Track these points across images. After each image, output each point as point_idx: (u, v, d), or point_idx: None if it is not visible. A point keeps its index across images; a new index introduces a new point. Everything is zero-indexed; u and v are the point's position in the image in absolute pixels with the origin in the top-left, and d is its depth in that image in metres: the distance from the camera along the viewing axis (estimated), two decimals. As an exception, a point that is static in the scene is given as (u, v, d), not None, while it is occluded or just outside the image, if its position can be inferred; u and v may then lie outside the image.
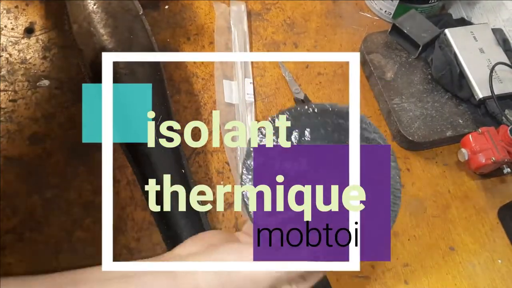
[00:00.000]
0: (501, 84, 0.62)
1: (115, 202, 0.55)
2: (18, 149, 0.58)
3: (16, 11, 0.69)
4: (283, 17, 0.73)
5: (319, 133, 0.41)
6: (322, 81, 0.67)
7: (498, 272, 0.55)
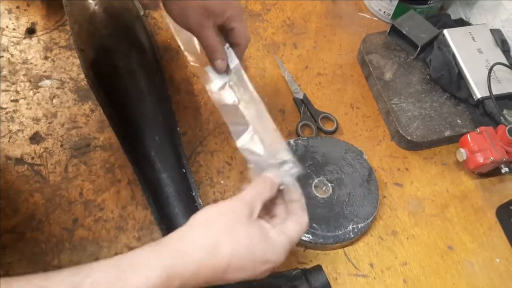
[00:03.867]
0: (499, 84, 0.62)
1: (116, 201, 0.56)
2: (20, 149, 0.58)
3: (17, 11, 0.69)
4: (283, 17, 0.74)
5: None
6: (321, 81, 0.68)
7: (497, 271, 0.55)
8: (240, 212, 0.39)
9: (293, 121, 0.64)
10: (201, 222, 0.39)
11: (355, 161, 0.59)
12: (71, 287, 0.31)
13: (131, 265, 0.34)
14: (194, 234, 0.38)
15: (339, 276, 0.53)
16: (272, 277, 0.50)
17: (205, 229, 0.38)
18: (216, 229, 0.38)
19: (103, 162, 0.58)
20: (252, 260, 0.38)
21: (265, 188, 0.42)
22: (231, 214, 0.39)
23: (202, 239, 0.37)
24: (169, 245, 0.36)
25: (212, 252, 0.37)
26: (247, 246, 0.38)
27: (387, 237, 0.56)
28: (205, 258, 0.36)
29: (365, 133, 0.64)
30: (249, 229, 0.39)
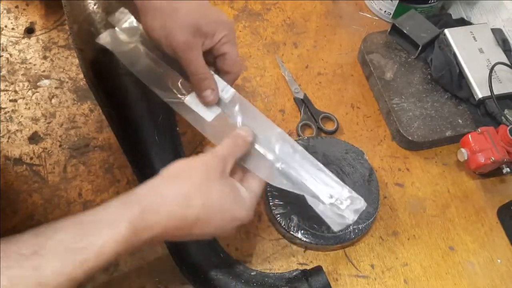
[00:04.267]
0: (500, 84, 0.62)
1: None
2: (18, 149, 0.58)
3: (16, 11, 0.69)
4: (283, 17, 0.73)
5: None
6: (322, 81, 0.67)
7: (498, 271, 0.55)
8: (214, 167, 0.39)
9: (293, 121, 0.64)
10: (173, 174, 0.38)
11: (355, 161, 0.58)
12: (35, 249, 0.30)
13: (97, 223, 0.33)
14: (164, 186, 0.37)
15: (340, 277, 0.53)
16: (272, 278, 0.50)
17: (176, 181, 0.37)
18: (187, 182, 0.37)
19: (102, 162, 0.58)
20: (221, 217, 0.38)
21: (238, 145, 0.42)
22: (204, 168, 0.38)
23: (172, 191, 0.36)
24: (138, 198, 0.36)
25: (182, 205, 0.36)
26: (217, 202, 0.38)
27: (388, 238, 0.56)
28: (175, 210, 0.36)
29: (366, 133, 0.64)
30: (221, 185, 0.38)
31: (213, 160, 0.39)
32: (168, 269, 0.52)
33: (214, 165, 0.39)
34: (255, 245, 0.54)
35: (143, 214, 0.34)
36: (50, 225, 0.32)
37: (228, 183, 0.40)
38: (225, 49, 0.43)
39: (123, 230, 0.33)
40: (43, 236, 0.31)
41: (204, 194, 0.37)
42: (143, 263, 0.52)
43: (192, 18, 0.40)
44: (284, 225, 0.53)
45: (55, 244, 0.31)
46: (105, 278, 0.51)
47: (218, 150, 0.41)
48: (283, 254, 0.54)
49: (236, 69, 0.44)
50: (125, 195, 0.36)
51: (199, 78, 0.42)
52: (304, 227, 0.53)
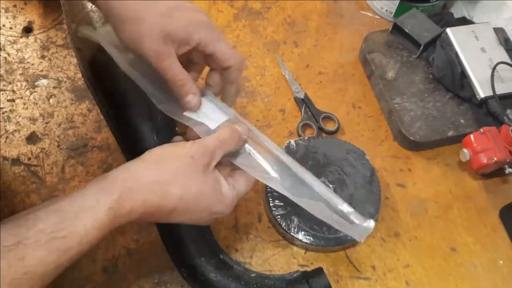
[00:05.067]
0: (502, 84, 0.61)
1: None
2: (16, 149, 0.58)
3: (14, 10, 0.69)
4: (283, 15, 0.73)
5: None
6: (322, 81, 0.67)
7: (500, 273, 0.54)
8: (199, 159, 0.38)
9: (294, 121, 0.63)
10: (154, 160, 0.37)
11: (357, 161, 0.58)
12: (16, 240, 0.30)
13: (78, 210, 0.33)
14: (143, 172, 0.36)
15: (341, 278, 0.52)
16: (273, 279, 0.49)
17: (156, 168, 0.37)
18: (168, 170, 0.37)
19: (101, 163, 0.57)
20: (198, 210, 0.38)
21: (232, 141, 0.41)
22: (189, 158, 0.37)
23: (151, 177, 0.36)
24: (116, 182, 0.35)
25: (159, 194, 0.36)
26: (196, 196, 0.37)
27: (389, 239, 0.55)
28: (151, 199, 0.36)
29: (367, 133, 0.63)
30: (202, 179, 0.38)
31: (199, 152, 0.38)
32: (167, 270, 0.51)
33: (199, 157, 0.38)
34: (255, 246, 0.54)
35: (120, 200, 0.34)
36: (29, 213, 0.32)
37: (211, 178, 0.39)
38: (210, 49, 0.41)
39: (103, 217, 0.33)
40: (24, 226, 0.31)
41: (183, 186, 0.37)
42: (142, 264, 0.52)
43: (160, 26, 0.38)
44: (284, 226, 0.53)
45: (37, 234, 0.31)
46: (104, 279, 0.50)
47: (208, 143, 0.39)
48: (284, 256, 0.54)
49: (233, 62, 0.42)
50: (102, 178, 0.35)
51: (178, 85, 0.41)
52: (304, 228, 0.53)
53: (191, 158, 0.37)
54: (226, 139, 0.40)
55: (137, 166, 0.37)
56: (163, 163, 0.37)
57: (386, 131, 0.63)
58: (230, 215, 0.55)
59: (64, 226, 0.32)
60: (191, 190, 0.37)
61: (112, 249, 0.52)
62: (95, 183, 0.35)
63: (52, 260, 0.31)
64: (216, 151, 0.39)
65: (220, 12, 0.72)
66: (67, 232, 0.32)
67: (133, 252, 0.52)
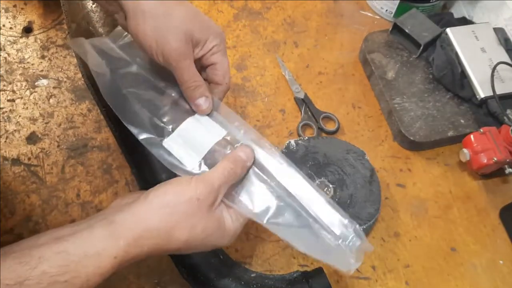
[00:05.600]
0: (502, 84, 0.61)
1: (114, 203, 0.55)
2: (16, 149, 0.58)
3: (14, 10, 0.69)
4: (283, 16, 0.73)
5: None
6: (322, 81, 0.67)
7: (500, 273, 0.54)
8: (205, 200, 0.38)
9: (294, 121, 0.63)
10: (161, 204, 0.37)
11: (357, 161, 0.58)
12: (19, 280, 0.30)
13: (83, 254, 0.33)
14: (151, 217, 0.36)
15: (341, 278, 0.52)
16: (273, 279, 0.49)
17: (163, 213, 0.37)
18: (175, 215, 0.37)
19: (101, 163, 0.57)
20: (202, 245, 0.39)
21: (236, 171, 0.40)
22: (195, 201, 0.37)
23: (159, 224, 0.36)
24: (124, 228, 0.35)
25: (166, 238, 0.36)
26: (201, 236, 0.38)
27: (389, 239, 0.55)
28: (157, 243, 0.36)
29: (367, 133, 0.63)
30: (207, 219, 0.38)
31: (205, 193, 0.38)
32: (167, 270, 0.51)
33: (205, 199, 0.38)
34: (255, 246, 0.54)
35: (127, 249, 0.35)
36: (33, 248, 0.32)
37: (216, 216, 0.39)
38: (215, 59, 0.42)
39: (107, 264, 0.34)
40: (28, 265, 0.31)
41: (189, 229, 0.37)
42: (142, 265, 0.52)
43: (186, 24, 0.39)
44: (284, 226, 0.53)
45: (40, 275, 0.31)
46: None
47: (213, 181, 0.38)
48: (284, 256, 0.54)
49: (227, 80, 0.43)
50: (109, 222, 0.35)
51: (192, 86, 0.41)
52: (304, 228, 0.53)
53: (197, 200, 0.37)
54: (230, 173, 0.40)
55: (145, 212, 0.37)
56: (169, 208, 0.37)
57: (386, 131, 0.63)
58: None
59: (68, 270, 0.32)
60: (196, 232, 0.37)
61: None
62: (102, 227, 0.35)
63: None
64: (221, 188, 0.39)
65: (220, 12, 0.72)
66: (69, 277, 0.32)
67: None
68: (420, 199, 0.58)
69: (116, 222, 0.35)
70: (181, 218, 0.37)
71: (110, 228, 0.35)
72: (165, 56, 0.39)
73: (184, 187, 0.38)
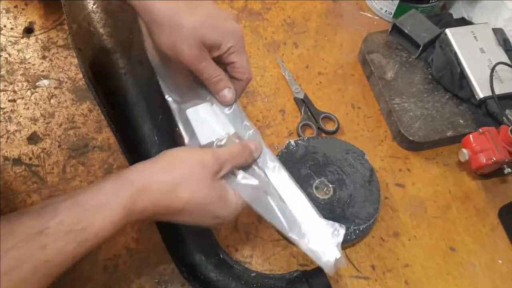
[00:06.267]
0: (501, 84, 0.61)
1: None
2: (17, 149, 0.58)
3: (15, 10, 0.69)
4: (283, 16, 0.73)
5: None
6: (322, 81, 0.67)
7: (499, 272, 0.54)
8: (210, 167, 0.40)
9: (294, 121, 0.63)
10: (168, 161, 0.39)
11: (356, 161, 0.58)
12: (38, 229, 0.32)
13: (94, 206, 0.35)
14: (157, 172, 0.38)
15: (340, 278, 0.53)
16: (272, 279, 0.50)
17: (169, 169, 0.39)
18: (180, 173, 0.39)
19: (102, 163, 0.58)
20: (203, 212, 0.40)
21: (242, 156, 0.43)
22: (201, 164, 0.39)
23: (163, 178, 0.38)
24: (131, 181, 0.37)
25: (169, 193, 0.38)
26: (203, 201, 0.39)
27: (388, 239, 0.56)
28: (161, 199, 0.38)
29: (367, 133, 0.63)
30: (210, 186, 0.39)
31: (210, 160, 0.40)
32: (167, 269, 0.51)
33: (210, 165, 0.40)
34: (255, 246, 0.54)
35: (134, 198, 0.36)
36: (49, 204, 0.34)
37: (218, 185, 0.41)
38: (233, 59, 0.44)
39: (117, 213, 0.35)
40: (45, 217, 0.33)
41: (192, 190, 0.39)
42: (142, 264, 0.52)
43: (197, 33, 0.41)
44: (284, 226, 0.53)
45: (56, 225, 0.33)
46: (105, 278, 0.51)
47: (220, 154, 0.41)
48: (284, 255, 0.54)
49: (245, 76, 0.46)
50: (117, 176, 0.37)
51: (214, 81, 0.45)
52: (304, 228, 0.53)
53: (202, 165, 0.39)
54: (237, 154, 0.43)
55: (151, 167, 0.39)
56: (175, 166, 0.39)
57: (385, 131, 0.64)
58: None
59: (82, 219, 0.34)
60: (198, 195, 0.39)
61: (113, 248, 0.52)
62: (111, 181, 0.37)
63: (70, 250, 0.33)
64: (226, 163, 0.41)
65: (220, 12, 0.72)
66: (84, 225, 0.34)
67: (133, 252, 0.52)
68: (419, 199, 0.59)
69: (122, 176, 0.38)
70: (185, 177, 0.39)
71: (118, 181, 0.37)
72: (183, 62, 0.43)
73: (192, 152, 0.41)
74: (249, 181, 0.43)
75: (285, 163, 0.57)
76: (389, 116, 0.63)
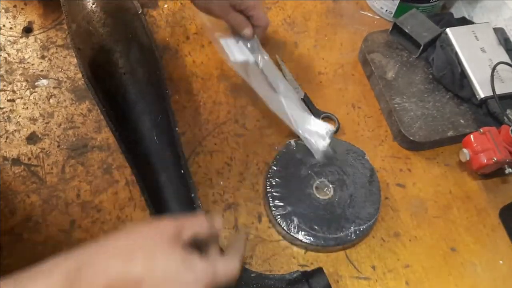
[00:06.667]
0: (502, 84, 0.61)
1: (114, 203, 0.55)
2: (16, 149, 0.58)
3: (14, 10, 0.69)
4: (283, 16, 0.73)
5: None
6: (322, 81, 0.67)
7: (500, 272, 0.54)
8: (167, 229, 0.37)
9: (294, 121, 0.63)
10: (124, 230, 0.37)
11: (356, 161, 0.58)
12: None
13: (33, 275, 0.33)
14: (108, 241, 0.36)
15: (341, 278, 0.52)
16: (273, 279, 0.49)
17: (122, 236, 0.36)
18: (133, 237, 0.36)
19: (101, 163, 0.57)
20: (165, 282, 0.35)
21: (197, 222, 0.40)
22: (155, 228, 0.37)
23: (114, 245, 0.35)
24: (78, 252, 0.34)
25: (122, 260, 0.34)
26: (161, 266, 0.35)
27: (389, 239, 0.55)
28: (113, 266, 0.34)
29: (367, 133, 0.63)
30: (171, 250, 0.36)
31: (168, 223, 0.38)
32: (167, 270, 0.51)
33: (168, 227, 0.37)
34: (255, 247, 0.54)
35: (79, 266, 0.33)
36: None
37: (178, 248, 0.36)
38: (252, 12, 0.60)
39: (57, 282, 0.32)
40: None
41: (148, 254, 0.35)
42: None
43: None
44: (284, 226, 0.53)
45: None
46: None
47: (176, 219, 0.38)
48: (284, 256, 0.54)
49: (263, 23, 0.61)
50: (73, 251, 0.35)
51: (238, 24, 0.60)
52: (304, 228, 0.53)
53: (158, 229, 0.37)
54: (193, 220, 0.40)
55: (105, 238, 0.36)
56: (129, 232, 0.37)
57: (386, 131, 0.63)
58: (230, 214, 0.55)
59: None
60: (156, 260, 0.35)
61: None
62: (62, 255, 0.34)
63: None
64: (184, 226, 0.38)
65: (220, 12, 0.72)
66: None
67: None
68: (420, 199, 0.59)
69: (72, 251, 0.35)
70: (139, 240, 0.36)
71: (67, 254, 0.34)
72: (216, 16, 0.60)
73: (147, 222, 0.40)
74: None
75: (285, 163, 0.57)
76: (390, 116, 0.63)
